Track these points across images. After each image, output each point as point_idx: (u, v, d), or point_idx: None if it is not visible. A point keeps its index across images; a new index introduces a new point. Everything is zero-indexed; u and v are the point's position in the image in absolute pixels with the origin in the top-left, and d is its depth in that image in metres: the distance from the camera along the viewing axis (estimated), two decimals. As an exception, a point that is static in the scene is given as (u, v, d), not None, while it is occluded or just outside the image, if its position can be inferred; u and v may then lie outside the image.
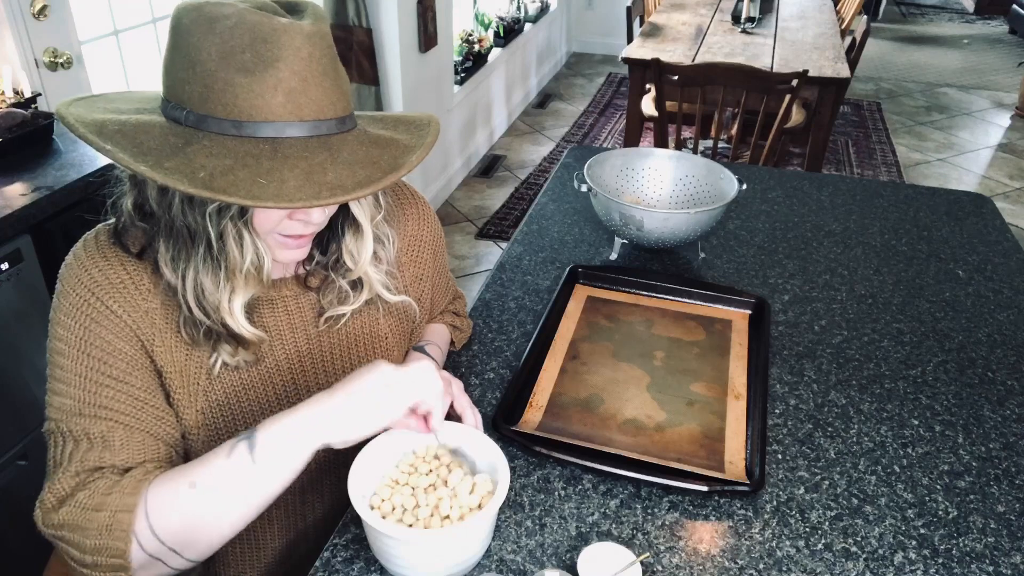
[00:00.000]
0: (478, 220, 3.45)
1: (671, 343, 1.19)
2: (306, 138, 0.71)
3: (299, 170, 0.68)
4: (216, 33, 0.68)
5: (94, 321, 0.78)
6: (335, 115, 0.73)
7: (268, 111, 0.69)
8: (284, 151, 0.69)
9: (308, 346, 0.91)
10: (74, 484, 0.75)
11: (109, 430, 0.77)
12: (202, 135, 0.69)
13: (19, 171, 1.52)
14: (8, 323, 1.40)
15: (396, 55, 2.88)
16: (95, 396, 0.77)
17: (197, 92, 0.69)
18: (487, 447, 0.85)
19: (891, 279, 1.39)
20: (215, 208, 0.74)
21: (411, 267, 1.01)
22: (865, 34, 3.32)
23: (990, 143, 4.50)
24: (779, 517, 0.90)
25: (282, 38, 0.68)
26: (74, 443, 0.77)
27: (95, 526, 0.71)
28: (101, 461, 0.76)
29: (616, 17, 5.47)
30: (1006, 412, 1.08)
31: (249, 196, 0.66)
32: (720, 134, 3.31)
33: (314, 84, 0.70)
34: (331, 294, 0.90)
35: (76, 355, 0.78)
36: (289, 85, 0.69)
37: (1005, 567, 0.85)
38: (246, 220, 0.76)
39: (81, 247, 0.82)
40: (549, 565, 0.83)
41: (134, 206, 0.79)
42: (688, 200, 1.48)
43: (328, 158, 0.70)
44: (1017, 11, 6.60)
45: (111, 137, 0.69)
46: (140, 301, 0.80)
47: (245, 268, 0.78)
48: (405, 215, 1.00)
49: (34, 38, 1.81)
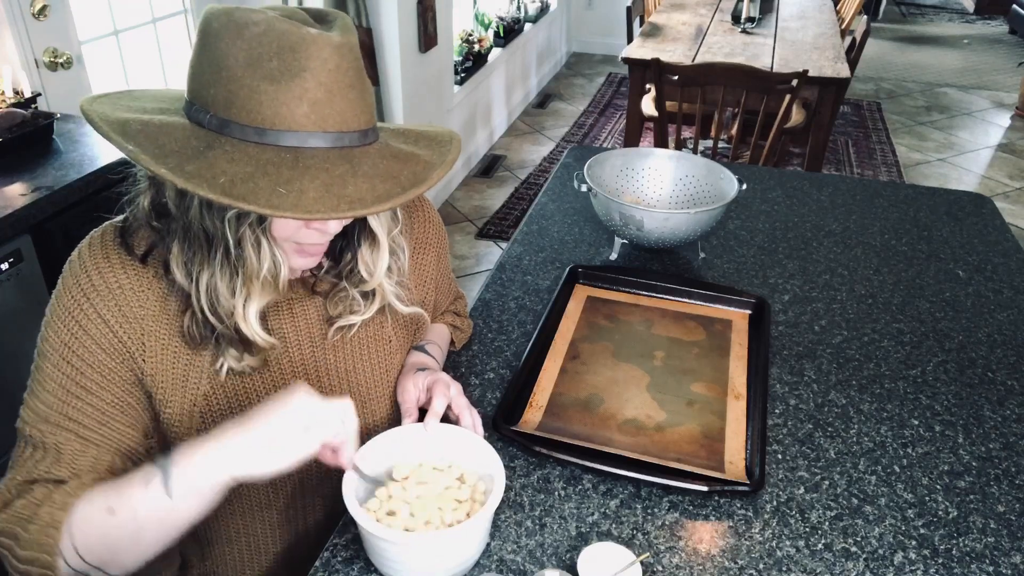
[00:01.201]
0: (478, 220, 3.45)
1: (671, 343, 1.19)
2: (328, 149, 0.70)
3: (319, 181, 0.68)
4: (244, 39, 0.68)
5: (82, 328, 0.78)
6: (359, 127, 0.72)
7: (292, 120, 0.68)
8: (305, 161, 0.68)
9: (312, 351, 0.90)
10: (17, 491, 0.76)
11: (65, 441, 0.78)
12: (224, 140, 0.69)
13: (19, 171, 1.52)
14: (8, 323, 1.40)
15: (396, 55, 2.88)
16: (63, 406, 0.78)
17: (222, 96, 0.69)
18: (483, 450, 0.85)
19: (891, 279, 1.39)
20: (234, 214, 0.74)
21: (416, 270, 1.01)
22: (865, 34, 3.32)
23: (990, 143, 4.50)
24: (779, 517, 0.90)
25: (310, 48, 0.68)
26: (31, 449, 0.78)
27: (26, 538, 0.73)
28: (46, 473, 0.77)
29: (616, 17, 5.47)
30: (1006, 412, 1.08)
31: (268, 205, 0.65)
32: (720, 134, 3.31)
33: (339, 96, 0.70)
34: (341, 303, 0.90)
35: (58, 360, 0.79)
36: (314, 95, 0.68)
37: (1005, 567, 0.85)
38: (264, 228, 0.76)
39: (86, 246, 0.81)
40: (549, 565, 0.83)
41: (151, 205, 0.79)
42: (688, 200, 1.48)
43: (349, 170, 0.70)
44: (1017, 11, 6.60)
45: (134, 137, 0.69)
46: (136, 308, 0.80)
47: (263, 275, 0.77)
48: (411, 218, 1.00)
49: (34, 38, 1.81)
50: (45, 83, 1.85)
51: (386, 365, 0.96)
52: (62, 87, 1.90)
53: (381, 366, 0.95)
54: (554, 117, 4.69)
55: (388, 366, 0.96)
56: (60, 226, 1.46)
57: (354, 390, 0.93)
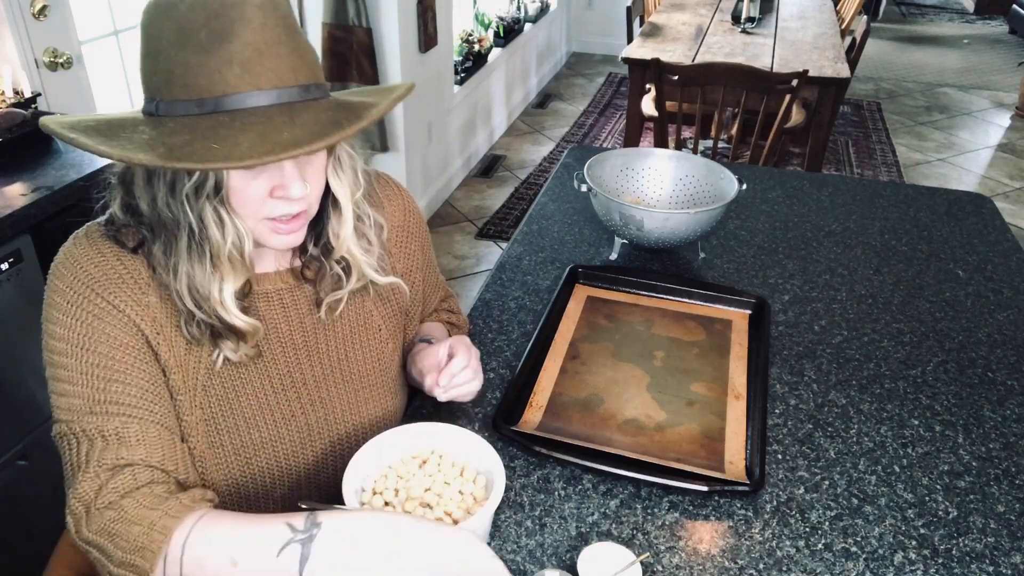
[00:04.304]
0: (478, 220, 3.45)
1: (671, 343, 1.19)
2: (268, 106, 0.71)
3: (254, 133, 0.69)
4: (172, 19, 0.70)
5: (95, 317, 0.78)
6: (296, 82, 0.73)
7: (225, 84, 0.69)
8: (244, 119, 0.70)
9: (304, 338, 0.91)
10: (97, 486, 0.74)
11: (123, 425, 0.76)
12: (168, 119, 0.71)
13: (19, 171, 1.52)
14: (8, 323, 1.40)
15: (396, 55, 2.88)
16: (104, 393, 0.77)
17: (162, 80, 0.71)
18: (483, 450, 0.85)
19: (891, 279, 1.39)
20: (191, 188, 0.74)
21: (402, 259, 1.02)
22: (865, 34, 3.32)
23: (990, 143, 4.50)
24: (779, 517, 0.90)
25: (233, 11, 0.69)
26: (89, 443, 0.76)
27: (128, 541, 0.70)
28: (120, 459, 0.75)
29: (616, 17, 5.46)
30: (1006, 412, 1.08)
31: (202, 160, 0.66)
32: (720, 134, 3.31)
33: (270, 53, 0.71)
34: (327, 284, 0.91)
35: (79, 353, 0.77)
36: (243, 55, 0.69)
37: (1005, 567, 0.85)
38: (222, 198, 0.75)
39: (72, 244, 0.81)
40: (549, 565, 0.83)
41: (123, 205, 0.80)
42: (688, 200, 1.48)
43: (287, 121, 0.70)
44: (1017, 11, 6.60)
45: (83, 131, 0.71)
46: (139, 295, 0.80)
47: (227, 250, 0.77)
48: (391, 206, 1.01)
49: (34, 38, 1.81)
50: (45, 83, 1.85)
51: (377, 353, 0.97)
52: (62, 87, 1.90)
53: (373, 353, 0.97)
54: (554, 117, 4.69)
55: (380, 354, 0.97)
56: (60, 226, 1.46)
57: (347, 378, 0.95)
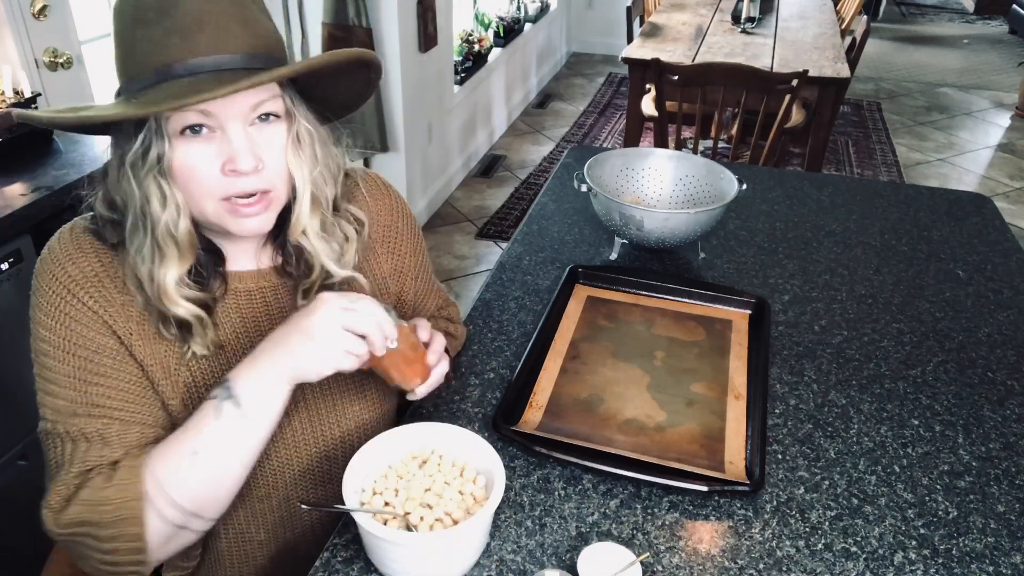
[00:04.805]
0: (478, 220, 3.45)
1: (671, 343, 1.19)
2: (215, 73, 0.72)
3: (186, 88, 0.70)
4: (130, 3, 0.73)
5: (73, 319, 0.79)
6: (239, 50, 0.73)
7: (165, 54, 0.71)
8: (179, 82, 0.72)
9: None
10: (77, 484, 0.76)
11: (105, 427, 0.78)
12: (131, 97, 0.73)
13: (19, 171, 1.52)
14: (8, 323, 1.40)
15: (396, 55, 2.88)
16: (86, 395, 0.79)
17: (123, 63, 0.74)
18: (483, 450, 0.85)
19: (891, 279, 1.39)
20: (136, 157, 0.75)
21: (390, 259, 1.01)
22: (865, 34, 3.32)
23: (990, 143, 4.50)
24: (779, 517, 0.90)
25: None
26: (72, 443, 0.78)
27: (107, 517, 0.74)
28: (101, 458, 0.78)
29: (616, 17, 5.46)
30: (1006, 412, 1.08)
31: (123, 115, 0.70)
32: (720, 134, 3.31)
33: (211, 23, 0.72)
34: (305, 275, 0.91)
35: (62, 355, 0.79)
36: (182, 25, 0.71)
37: (1005, 567, 0.85)
38: (162, 169, 0.75)
39: (55, 240, 0.83)
40: (549, 565, 0.83)
41: (103, 199, 0.81)
42: (688, 200, 1.48)
43: (221, 79, 0.71)
44: (1017, 11, 6.60)
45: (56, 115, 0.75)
46: (116, 294, 0.81)
47: (163, 222, 0.76)
48: (377, 205, 1.00)
49: (34, 38, 1.81)
50: (45, 83, 1.85)
51: None
52: (62, 87, 1.90)
53: None
54: (554, 117, 4.69)
55: None
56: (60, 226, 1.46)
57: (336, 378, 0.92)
